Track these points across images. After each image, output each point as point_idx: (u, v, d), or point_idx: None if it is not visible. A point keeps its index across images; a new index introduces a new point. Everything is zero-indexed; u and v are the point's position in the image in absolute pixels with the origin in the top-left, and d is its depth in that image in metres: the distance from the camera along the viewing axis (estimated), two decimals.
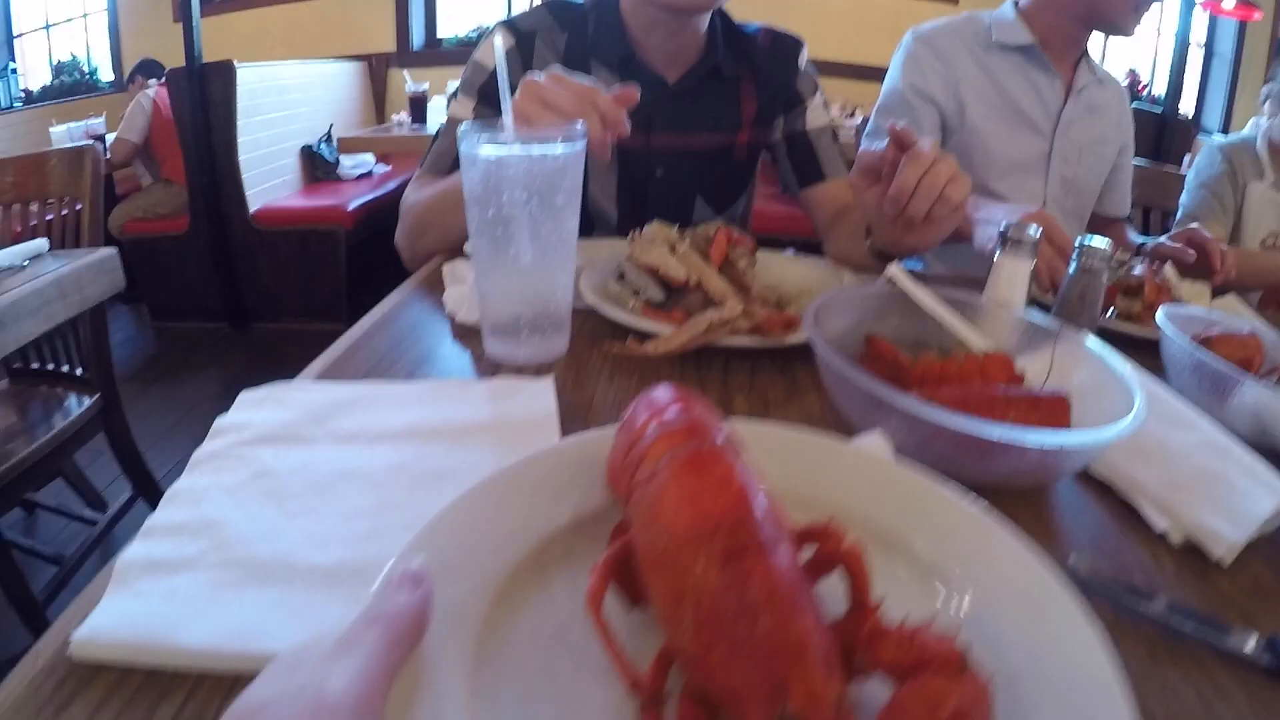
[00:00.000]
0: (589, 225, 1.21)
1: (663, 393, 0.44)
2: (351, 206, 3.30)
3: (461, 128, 0.68)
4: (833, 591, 0.37)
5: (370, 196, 3.47)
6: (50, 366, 1.71)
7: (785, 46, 1.25)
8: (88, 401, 1.64)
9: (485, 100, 1.11)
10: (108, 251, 1.43)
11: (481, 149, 0.67)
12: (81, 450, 1.66)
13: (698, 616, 0.32)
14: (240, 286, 3.37)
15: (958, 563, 0.43)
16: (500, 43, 0.87)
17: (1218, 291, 1.24)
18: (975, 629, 0.34)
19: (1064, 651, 0.36)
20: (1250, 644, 0.44)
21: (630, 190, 1.22)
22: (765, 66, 1.22)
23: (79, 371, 1.69)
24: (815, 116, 1.25)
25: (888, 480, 0.47)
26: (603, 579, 0.36)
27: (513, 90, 0.75)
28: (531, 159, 0.67)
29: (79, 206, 1.70)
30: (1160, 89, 4.00)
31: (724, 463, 0.37)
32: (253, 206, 3.23)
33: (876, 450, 0.50)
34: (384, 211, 3.39)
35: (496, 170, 0.67)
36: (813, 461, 0.48)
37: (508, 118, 0.73)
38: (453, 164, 1.09)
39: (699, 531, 0.33)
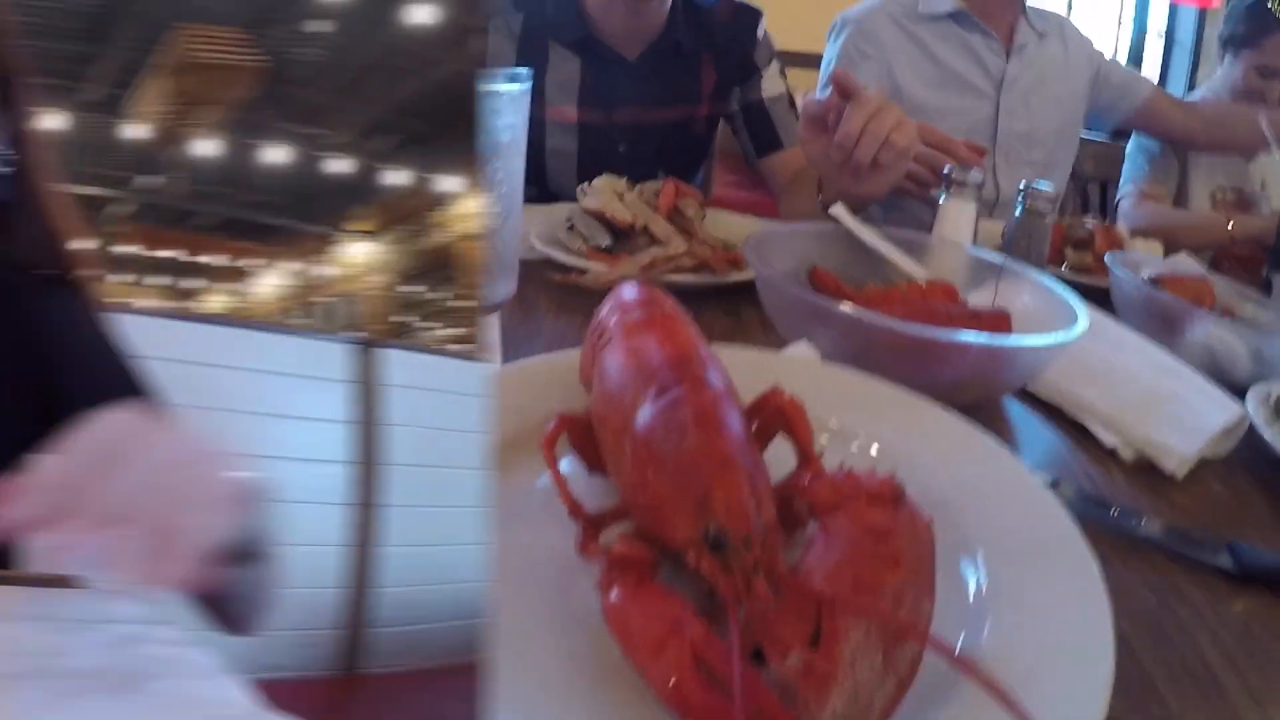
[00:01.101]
0: (551, 202, 1.21)
1: (626, 286, 0.45)
2: None
3: None
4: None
5: None
6: None
7: (745, 17, 1.25)
8: None
9: None
10: None
11: None
12: None
13: (634, 446, 0.32)
14: None
15: (905, 445, 0.43)
16: None
17: (1170, 250, 1.25)
18: (923, 497, 0.33)
19: (1014, 502, 0.37)
20: (1212, 550, 0.44)
21: (593, 166, 1.21)
22: (723, 39, 1.22)
23: None
24: (771, 85, 1.25)
25: (824, 379, 0.47)
26: (558, 427, 0.36)
27: None
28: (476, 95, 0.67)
29: None
30: None
31: (672, 322, 0.38)
32: None
33: (805, 355, 0.50)
34: None
35: None
36: (744, 369, 0.48)
37: None
38: None
39: (640, 372, 0.34)
